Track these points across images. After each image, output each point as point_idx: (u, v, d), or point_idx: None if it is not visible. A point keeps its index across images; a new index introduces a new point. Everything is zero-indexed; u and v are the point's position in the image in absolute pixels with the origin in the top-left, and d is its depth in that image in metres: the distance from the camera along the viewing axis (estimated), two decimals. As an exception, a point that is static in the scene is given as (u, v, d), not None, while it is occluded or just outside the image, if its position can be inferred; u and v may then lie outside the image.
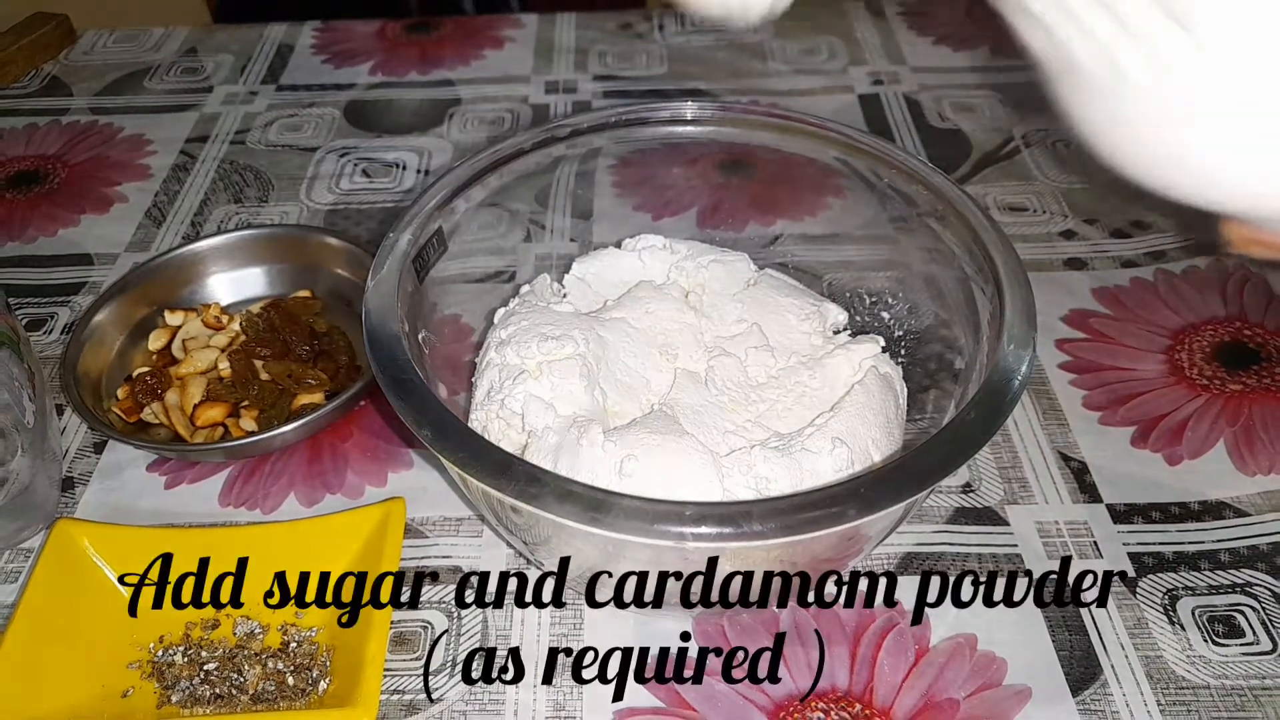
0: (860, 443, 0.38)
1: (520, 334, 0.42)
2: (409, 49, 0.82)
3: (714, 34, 0.82)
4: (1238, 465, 0.46)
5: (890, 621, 0.40)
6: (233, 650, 0.40)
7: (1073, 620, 0.40)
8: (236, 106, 0.75)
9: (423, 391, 0.34)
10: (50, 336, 0.56)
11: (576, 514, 0.30)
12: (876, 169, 0.44)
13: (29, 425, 0.43)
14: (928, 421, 0.43)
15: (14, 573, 0.44)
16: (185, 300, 0.55)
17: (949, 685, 0.38)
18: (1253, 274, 0.55)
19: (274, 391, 0.49)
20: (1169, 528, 0.44)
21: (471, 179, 0.43)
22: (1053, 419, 0.49)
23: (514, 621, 0.41)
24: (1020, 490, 0.46)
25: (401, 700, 0.39)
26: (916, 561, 0.43)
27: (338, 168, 0.68)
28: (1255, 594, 0.41)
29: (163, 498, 0.47)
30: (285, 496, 0.47)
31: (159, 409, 0.49)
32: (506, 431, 0.40)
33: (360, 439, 0.49)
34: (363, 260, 0.53)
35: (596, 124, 0.46)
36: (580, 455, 0.37)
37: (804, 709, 0.38)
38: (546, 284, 0.48)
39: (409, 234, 0.41)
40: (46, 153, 0.71)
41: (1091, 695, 0.38)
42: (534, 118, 0.73)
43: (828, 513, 0.30)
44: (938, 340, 0.44)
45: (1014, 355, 0.35)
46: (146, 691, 0.39)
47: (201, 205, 0.65)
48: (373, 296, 0.38)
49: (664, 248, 0.48)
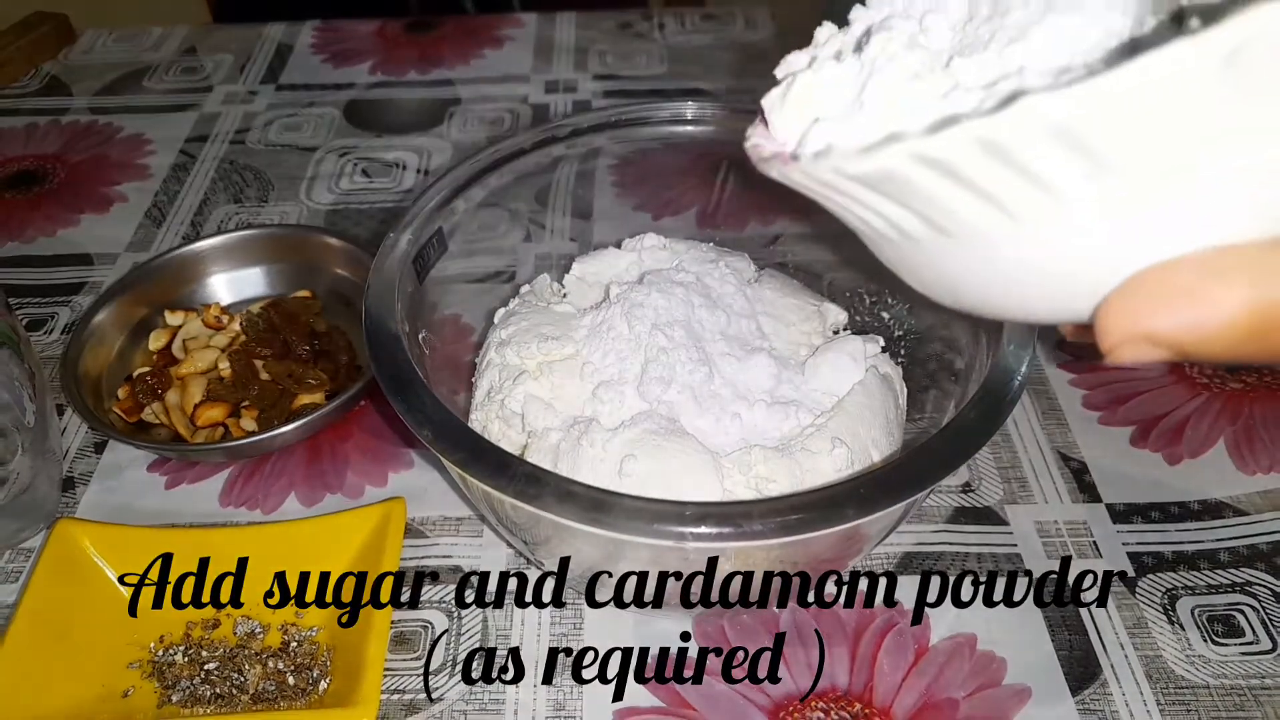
0: (860, 443, 0.38)
1: (520, 334, 0.42)
2: (409, 48, 0.82)
3: (714, 34, 0.82)
4: (1238, 464, 0.46)
5: (890, 621, 0.40)
6: (233, 650, 0.40)
7: (1072, 620, 0.40)
8: (236, 106, 0.75)
9: (423, 391, 0.34)
10: (50, 336, 0.56)
11: (576, 514, 0.30)
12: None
13: (29, 425, 0.43)
14: (928, 421, 0.43)
15: (14, 573, 0.44)
16: (185, 300, 0.55)
17: (949, 685, 0.38)
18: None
19: (274, 391, 0.49)
20: (1169, 527, 0.44)
21: (471, 179, 0.43)
22: (1052, 419, 0.49)
23: (514, 621, 0.41)
24: (1020, 490, 0.46)
25: (401, 700, 0.39)
26: (916, 561, 0.43)
27: (337, 168, 0.68)
28: (1255, 593, 0.41)
29: (163, 498, 0.47)
30: (285, 496, 0.47)
31: (159, 409, 0.49)
32: (506, 431, 0.40)
33: (360, 439, 0.49)
34: (363, 260, 0.53)
35: (596, 124, 0.46)
36: (580, 455, 0.37)
37: (804, 709, 0.38)
38: (546, 284, 0.48)
39: (409, 234, 0.41)
40: (46, 152, 0.71)
41: (1091, 695, 0.38)
42: (534, 117, 0.73)
43: (828, 513, 0.30)
44: (938, 340, 0.44)
45: (1014, 355, 0.35)
46: (147, 691, 0.39)
47: (201, 205, 0.65)
48: (373, 296, 0.38)
49: (664, 248, 0.48)
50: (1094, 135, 0.16)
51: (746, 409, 0.40)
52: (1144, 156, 0.16)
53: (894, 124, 0.20)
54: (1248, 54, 0.14)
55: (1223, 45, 0.14)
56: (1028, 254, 0.19)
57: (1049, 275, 0.19)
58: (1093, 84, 0.15)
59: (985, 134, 0.17)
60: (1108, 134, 0.16)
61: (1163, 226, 0.17)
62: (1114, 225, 0.18)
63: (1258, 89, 0.15)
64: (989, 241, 0.19)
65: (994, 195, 0.18)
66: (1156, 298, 0.18)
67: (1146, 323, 0.18)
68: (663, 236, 0.49)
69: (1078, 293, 0.19)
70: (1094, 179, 0.17)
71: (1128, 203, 0.17)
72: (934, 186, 0.18)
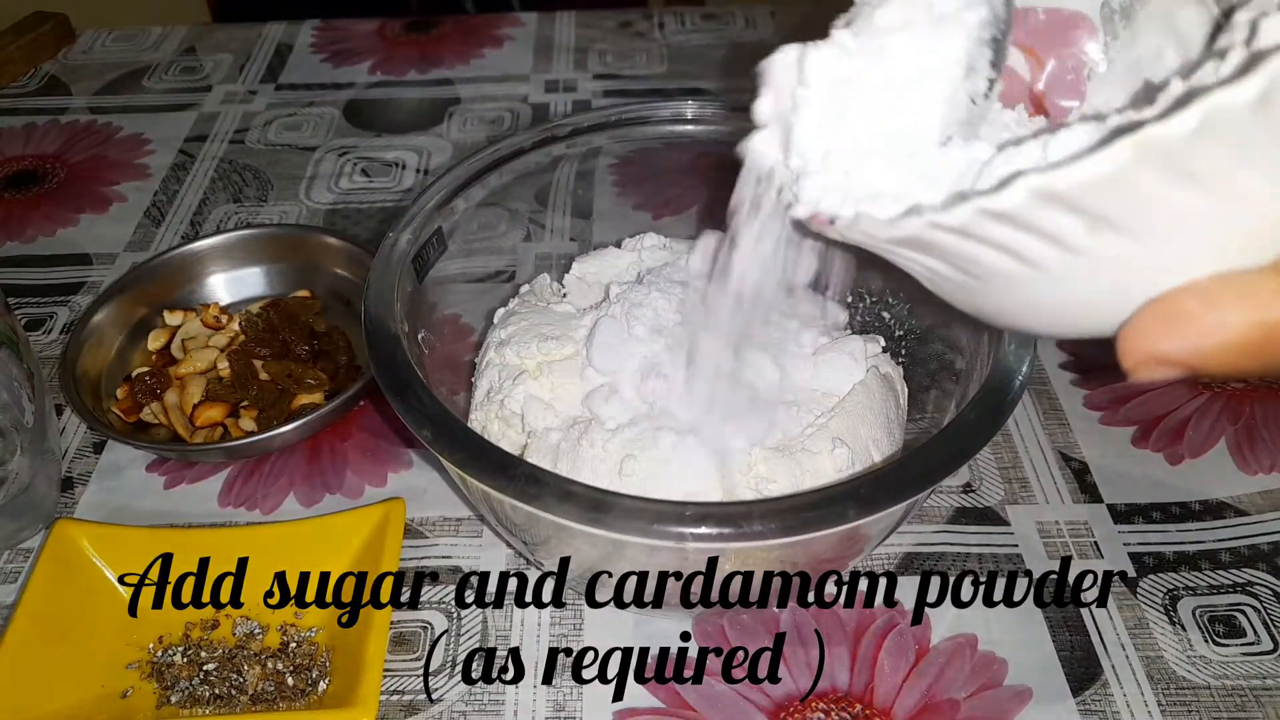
0: (860, 443, 0.38)
1: (520, 334, 0.42)
2: (408, 48, 0.82)
3: (714, 33, 0.82)
4: (1239, 464, 0.46)
5: (890, 621, 0.40)
6: (232, 650, 0.40)
7: (1073, 620, 0.40)
8: (235, 106, 0.75)
9: (423, 391, 0.34)
10: (49, 336, 0.56)
11: (576, 514, 0.30)
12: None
13: (28, 425, 0.43)
14: (928, 421, 0.43)
15: (14, 573, 0.44)
16: (184, 300, 0.55)
17: (949, 685, 0.38)
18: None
19: (273, 391, 0.49)
20: (1169, 527, 0.44)
21: (471, 178, 0.43)
22: (1053, 419, 0.49)
23: (514, 622, 0.41)
24: (1021, 490, 0.46)
25: (401, 700, 0.39)
26: (917, 561, 0.43)
27: (337, 167, 0.68)
28: (1256, 593, 0.41)
29: (162, 498, 0.47)
30: (285, 496, 0.47)
31: (158, 409, 0.49)
32: (506, 431, 0.40)
33: (360, 439, 0.49)
34: (362, 260, 0.53)
35: (596, 123, 0.46)
36: (580, 455, 0.36)
37: (804, 709, 0.38)
38: (546, 284, 0.48)
39: (409, 234, 0.41)
40: (45, 152, 0.71)
41: (1092, 695, 0.38)
42: (534, 117, 0.73)
43: (828, 513, 0.30)
44: (938, 340, 0.44)
45: (1015, 355, 0.34)
46: (146, 692, 0.39)
47: (200, 205, 0.65)
48: (373, 296, 0.38)
49: (664, 248, 0.48)
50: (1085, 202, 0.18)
51: (747, 409, 0.40)
52: (1132, 213, 0.19)
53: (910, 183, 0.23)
54: (1217, 126, 0.17)
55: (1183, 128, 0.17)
56: (1048, 293, 0.22)
57: (1070, 307, 0.22)
58: (1076, 166, 0.18)
59: (991, 206, 0.19)
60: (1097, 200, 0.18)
61: (1164, 263, 0.20)
62: (1120, 267, 0.20)
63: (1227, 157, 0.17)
64: (1013, 284, 0.22)
65: (1010, 249, 0.20)
66: (1163, 323, 0.20)
67: (1157, 346, 0.20)
68: (663, 236, 0.49)
69: (1099, 320, 0.22)
70: (1095, 233, 0.19)
71: (1129, 248, 0.19)
72: (957, 245, 0.21)
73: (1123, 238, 0.19)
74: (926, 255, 0.23)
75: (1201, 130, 0.17)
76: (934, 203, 0.21)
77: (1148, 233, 0.19)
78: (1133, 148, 0.17)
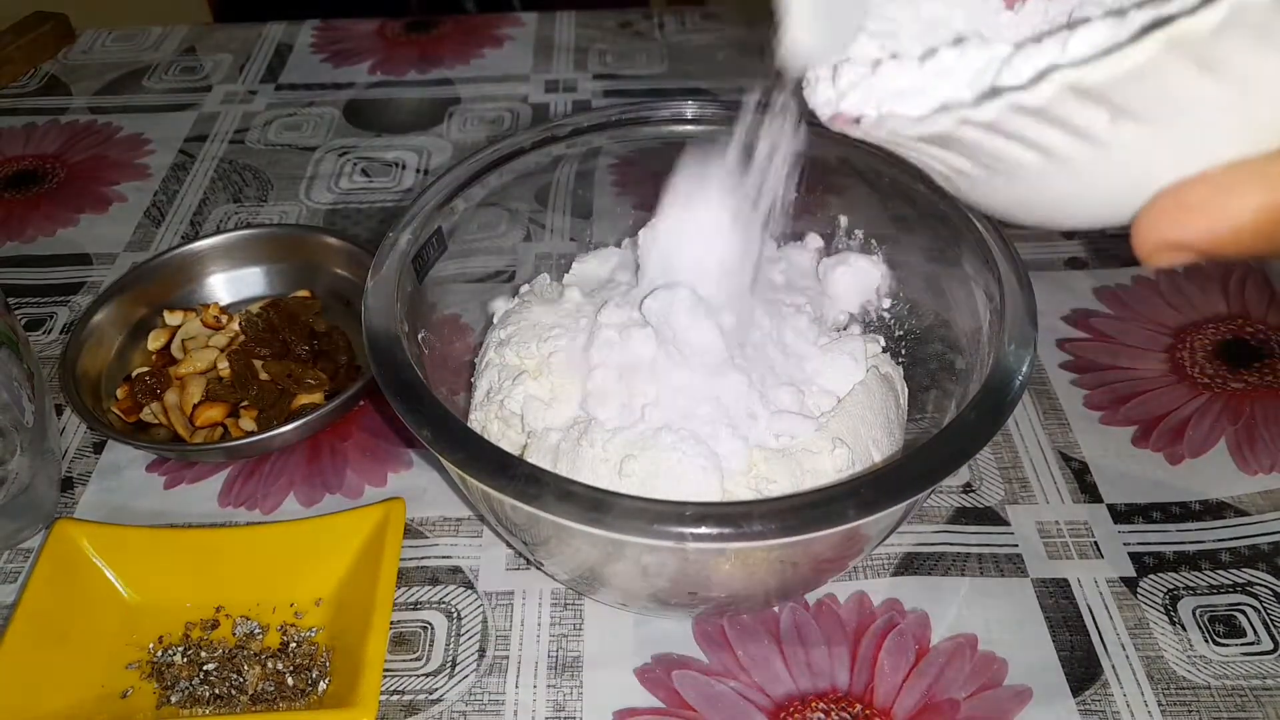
0: (860, 443, 0.38)
1: (520, 334, 0.42)
2: (408, 48, 0.82)
3: (714, 33, 0.82)
4: (1239, 464, 0.46)
5: (890, 621, 0.40)
6: (232, 650, 0.40)
7: (1073, 620, 0.40)
8: (235, 106, 0.75)
9: (422, 391, 0.34)
10: (49, 336, 0.56)
11: (576, 514, 0.30)
12: (877, 167, 0.44)
13: (28, 425, 0.43)
14: (928, 421, 0.43)
15: (14, 573, 0.44)
16: (184, 300, 0.55)
17: (949, 685, 0.38)
18: (1253, 270, 0.55)
19: (273, 391, 0.49)
20: (1170, 527, 0.44)
21: (471, 178, 0.43)
22: (1053, 419, 0.49)
23: (514, 622, 0.41)
24: (1021, 490, 0.46)
25: (401, 700, 0.39)
26: (917, 561, 0.43)
27: (337, 167, 0.68)
28: (1256, 593, 0.41)
29: (162, 498, 0.47)
30: (285, 496, 0.47)
31: (158, 409, 0.49)
32: (506, 431, 0.40)
33: (360, 439, 0.49)
34: (362, 260, 0.53)
35: (596, 123, 0.46)
36: (580, 455, 0.36)
37: (804, 709, 0.38)
38: (546, 284, 0.48)
39: (409, 233, 0.41)
40: (45, 152, 0.71)
41: (1092, 695, 0.38)
42: (534, 117, 0.73)
43: (828, 513, 0.30)
44: (938, 340, 0.44)
45: (1015, 355, 0.34)
46: (146, 692, 0.39)
47: (200, 205, 0.65)
48: (372, 296, 0.38)
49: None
50: (1112, 95, 0.19)
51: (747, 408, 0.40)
52: (1154, 104, 0.19)
53: (937, 78, 0.24)
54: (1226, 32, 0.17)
55: (1204, 26, 0.17)
56: (1068, 185, 0.22)
57: (1088, 198, 0.23)
58: (1108, 59, 0.18)
59: (1025, 101, 0.20)
60: (1124, 93, 0.19)
61: (1182, 153, 0.20)
62: (1139, 158, 0.21)
63: (1239, 55, 0.18)
64: (1034, 177, 0.22)
65: (1035, 143, 0.21)
66: (1177, 211, 0.21)
67: (1170, 233, 0.21)
68: (663, 236, 0.49)
69: (1116, 210, 0.22)
70: (1117, 124, 0.20)
71: (1149, 138, 0.20)
72: (982, 140, 0.22)
73: (1143, 128, 0.20)
74: (949, 152, 0.23)
75: (1226, 22, 0.17)
76: (963, 99, 0.21)
77: (1167, 123, 0.20)
78: (1165, 41, 0.18)
